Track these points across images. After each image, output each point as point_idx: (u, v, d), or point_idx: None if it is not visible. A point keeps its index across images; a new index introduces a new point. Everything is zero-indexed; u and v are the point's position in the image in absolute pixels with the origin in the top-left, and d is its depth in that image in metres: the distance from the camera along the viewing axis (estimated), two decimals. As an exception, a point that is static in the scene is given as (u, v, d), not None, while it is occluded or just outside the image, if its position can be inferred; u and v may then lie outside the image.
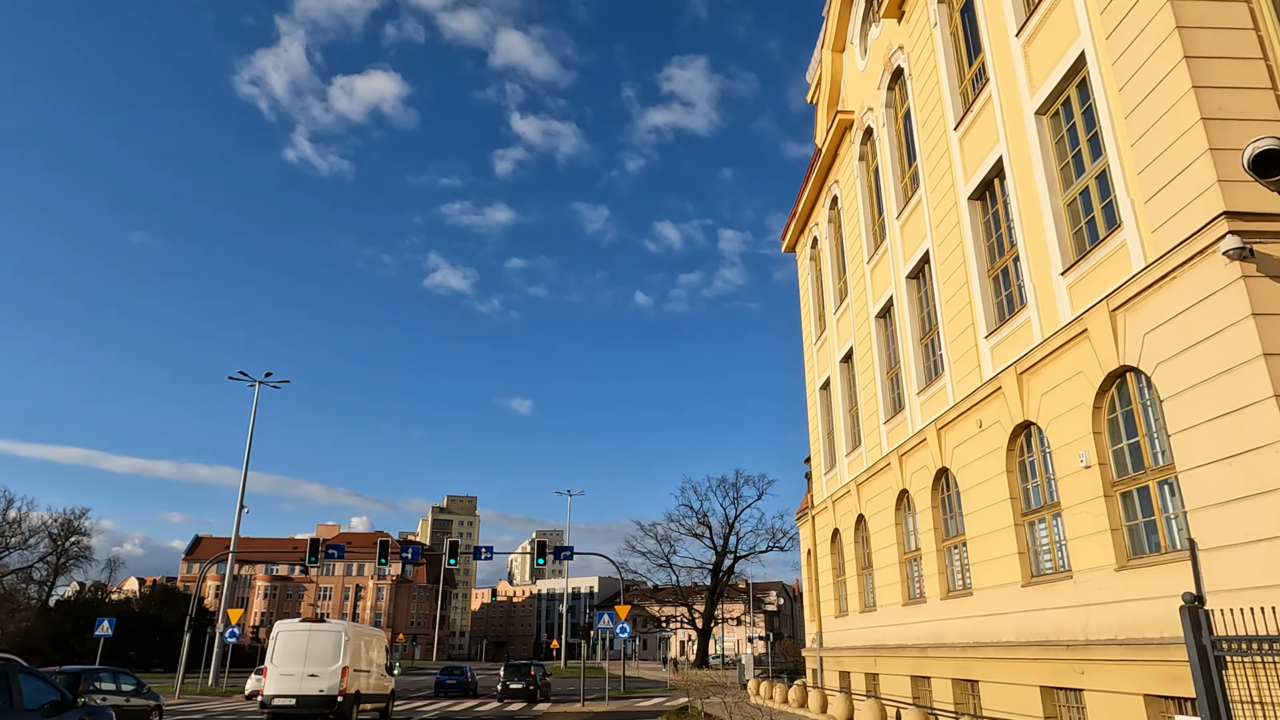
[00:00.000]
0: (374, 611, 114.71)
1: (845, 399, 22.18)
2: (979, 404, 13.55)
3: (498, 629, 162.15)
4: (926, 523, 15.86)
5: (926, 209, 16.12)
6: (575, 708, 29.96)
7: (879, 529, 18.66)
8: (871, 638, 18.93)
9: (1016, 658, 12.15)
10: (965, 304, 14.27)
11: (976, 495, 13.64)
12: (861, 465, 20.09)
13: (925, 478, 15.93)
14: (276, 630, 19.80)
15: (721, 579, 76.69)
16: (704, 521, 77.04)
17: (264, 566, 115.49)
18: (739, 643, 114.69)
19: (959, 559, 14.84)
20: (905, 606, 17.00)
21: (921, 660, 15.82)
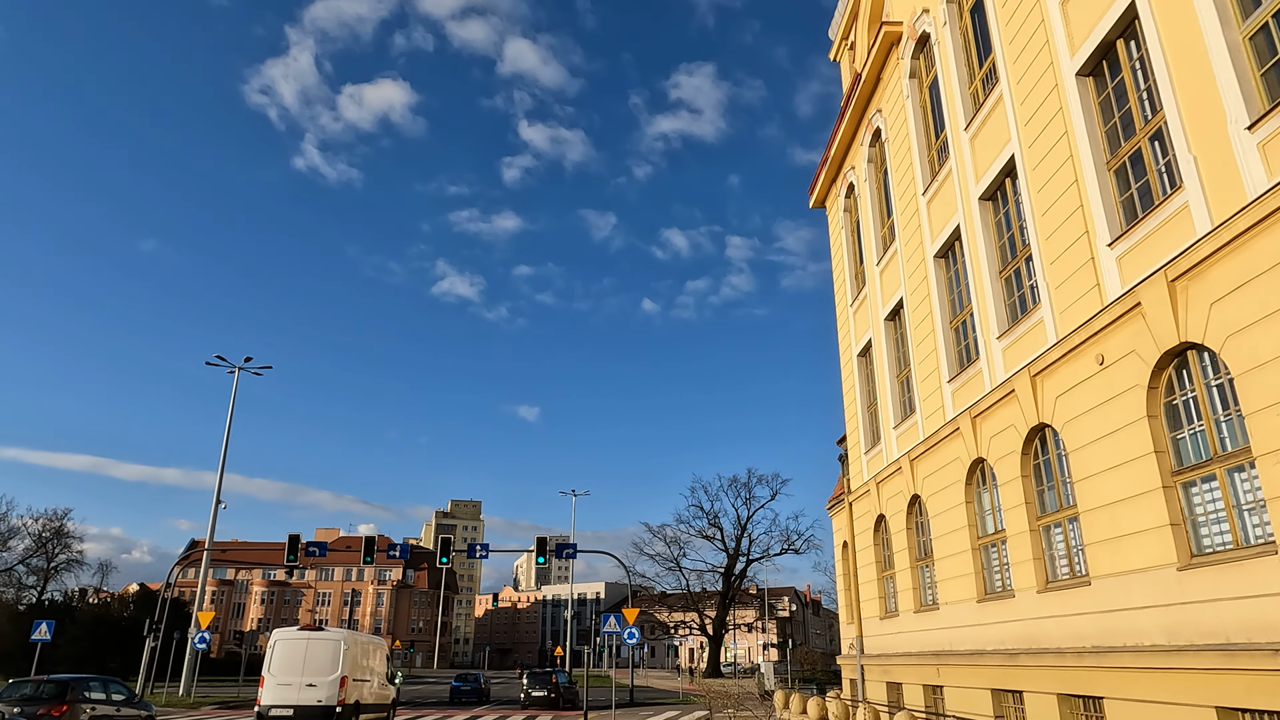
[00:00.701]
0: (374, 618, 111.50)
1: (892, 362, 18.94)
2: (1098, 334, 10.33)
3: (502, 636, 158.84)
4: (1014, 496, 12.61)
5: (1010, 105, 12.92)
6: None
7: (942, 510, 15.41)
8: (932, 642, 15.66)
9: (1170, 667, 8.90)
10: (1075, 208, 11.06)
11: (1095, 454, 10.40)
12: (916, 436, 16.86)
13: (1012, 440, 12.68)
14: (274, 638, 19.39)
15: (734, 583, 73.34)
16: (715, 523, 73.82)
17: (261, 571, 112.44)
18: (750, 650, 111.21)
19: (1065, 540, 11.59)
20: (981, 603, 13.73)
21: (1009, 670, 12.56)
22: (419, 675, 79.38)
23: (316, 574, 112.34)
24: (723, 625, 73.79)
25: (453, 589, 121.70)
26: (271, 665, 18.84)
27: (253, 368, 40.44)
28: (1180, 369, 9.30)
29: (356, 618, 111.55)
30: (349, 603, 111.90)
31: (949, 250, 15.90)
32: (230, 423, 39.33)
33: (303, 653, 18.86)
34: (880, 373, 19.41)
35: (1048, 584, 11.80)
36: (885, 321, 19.20)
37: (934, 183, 16.25)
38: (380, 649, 23.01)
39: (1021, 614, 12.32)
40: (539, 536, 33.91)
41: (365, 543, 34.00)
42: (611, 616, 26.46)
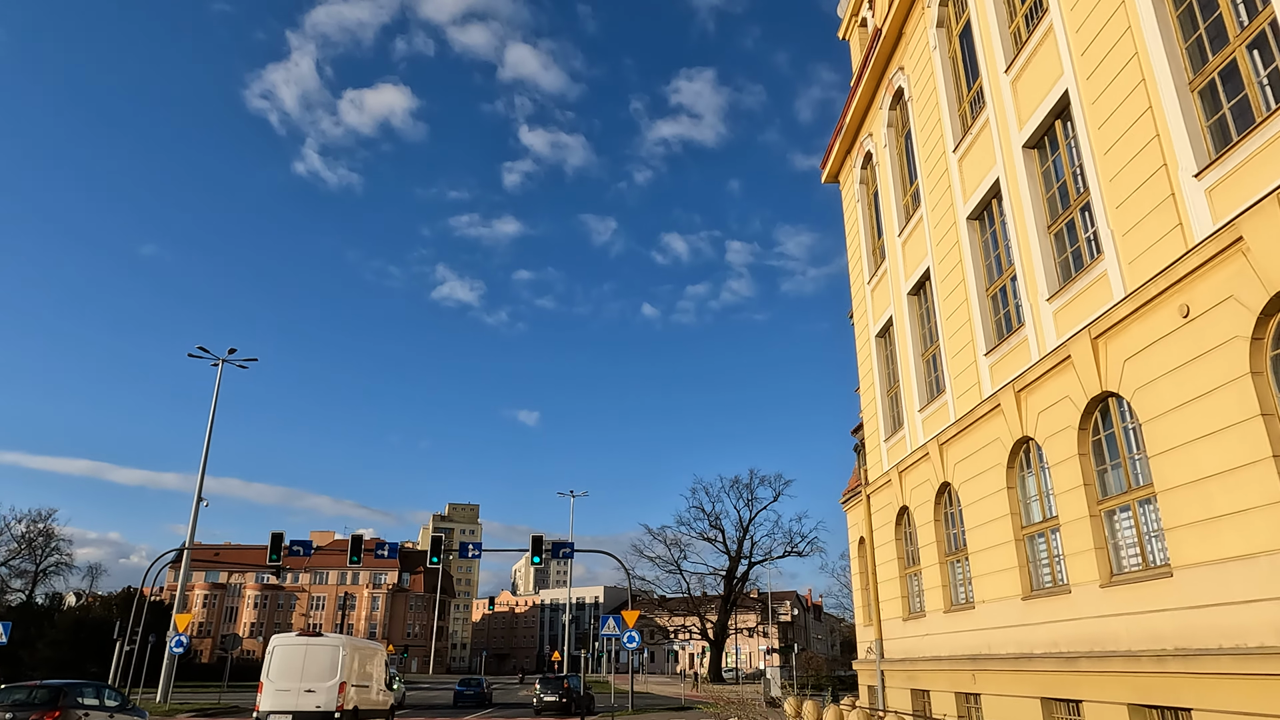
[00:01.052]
0: (368, 622, 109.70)
1: (916, 339, 17.40)
2: (1182, 281, 8.78)
3: (499, 641, 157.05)
4: (1069, 478, 11.06)
5: (1062, 34, 11.40)
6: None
7: (978, 499, 13.86)
8: (966, 645, 14.09)
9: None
10: (1150, 139, 9.53)
11: (1179, 422, 8.86)
12: (946, 418, 15.31)
13: (1066, 414, 11.14)
14: (273, 644, 19.30)
15: (735, 586, 71.70)
16: (716, 525, 72.23)
17: (255, 575, 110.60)
18: (751, 655, 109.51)
19: (1135, 525, 10.03)
20: (1028, 601, 12.17)
21: (1064, 676, 10.99)
22: (414, 680, 77.61)
23: (310, 577, 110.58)
24: (724, 630, 72.13)
25: (449, 593, 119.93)
26: (270, 671, 18.71)
27: (237, 360, 38.88)
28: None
29: (351, 621, 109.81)
30: (343, 606, 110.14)
31: (985, 210, 14.37)
32: (213, 417, 37.77)
33: (301, 658, 18.81)
34: (903, 352, 17.86)
35: (1113, 577, 10.25)
36: (908, 296, 17.66)
37: (967, 137, 14.72)
38: (379, 654, 22.84)
39: (1079, 612, 10.76)
40: (534, 535, 32.34)
41: (352, 541, 32.42)
42: (610, 619, 24.90)
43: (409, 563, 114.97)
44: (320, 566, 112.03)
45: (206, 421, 37.90)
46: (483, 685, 40.76)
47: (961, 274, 14.77)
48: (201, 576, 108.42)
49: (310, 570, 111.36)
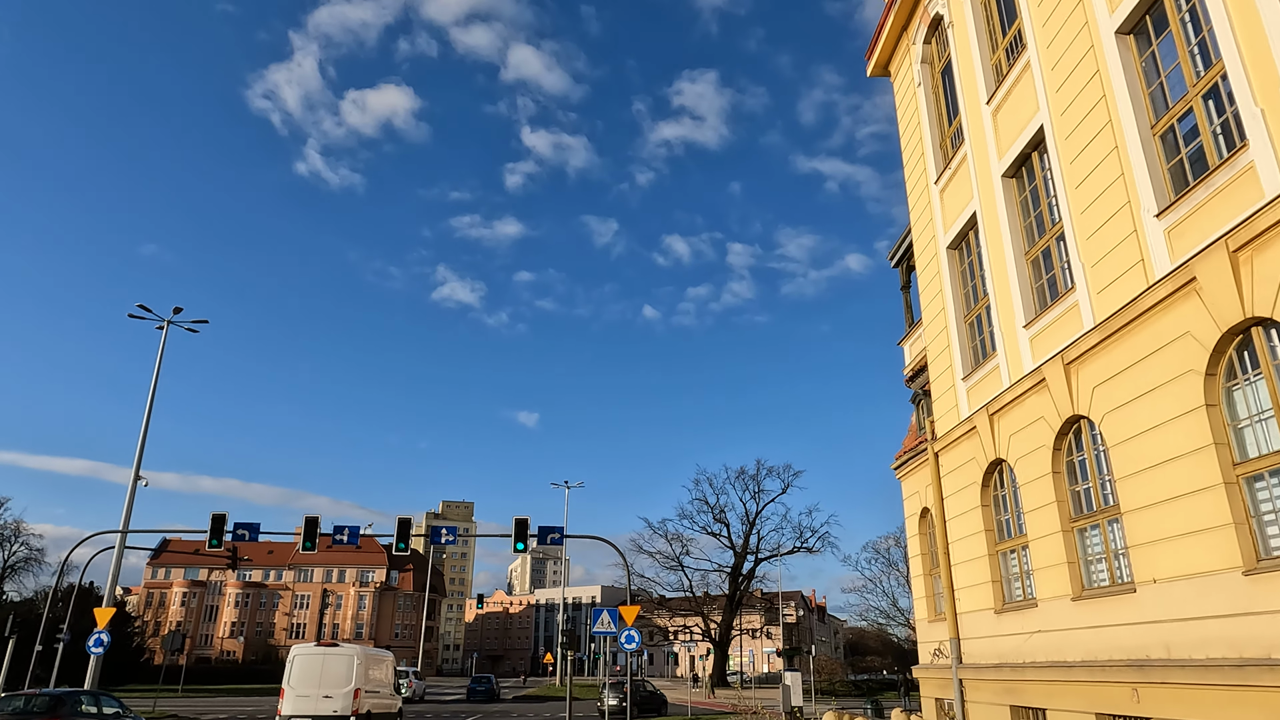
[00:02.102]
0: (354, 622, 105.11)
1: (1018, 236, 12.95)
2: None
3: (492, 642, 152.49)
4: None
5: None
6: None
7: (1139, 431, 9.41)
8: (1121, 646, 9.65)
9: None
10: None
11: None
12: (1073, 327, 10.88)
13: None
14: (293, 654, 21.09)
15: (741, 584, 67.26)
16: (721, 519, 67.83)
17: (236, 572, 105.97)
18: (755, 657, 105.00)
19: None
20: (1251, 578, 7.72)
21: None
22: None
23: (294, 575, 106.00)
24: (729, 631, 67.68)
25: (440, 592, 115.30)
26: (291, 678, 20.27)
27: (185, 321, 34.37)
28: None
29: (336, 621, 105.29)
30: (328, 605, 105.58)
31: (1140, 24, 9.92)
32: (156, 383, 33.26)
33: (319, 667, 20.40)
34: (996, 257, 13.39)
35: None
36: (1004, 180, 13.19)
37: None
38: (388, 662, 24.91)
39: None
40: (517, 518, 27.91)
41: (305, 525, 27.96)
42: (605, 612, 20.50)
43: (398, 561, 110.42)
44: (304, 564, 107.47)
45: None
46: (492, 682, 48.77)
47: (1104, 118, 10.32)
48: (181, 574, 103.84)
49: (294, 567, 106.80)
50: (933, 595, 16.26)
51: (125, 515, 31.42)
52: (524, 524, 28.06)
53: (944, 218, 15.68)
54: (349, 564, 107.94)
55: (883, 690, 64.20)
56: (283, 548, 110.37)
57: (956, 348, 14.93)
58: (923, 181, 16.71)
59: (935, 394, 15.86)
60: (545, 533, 28.32)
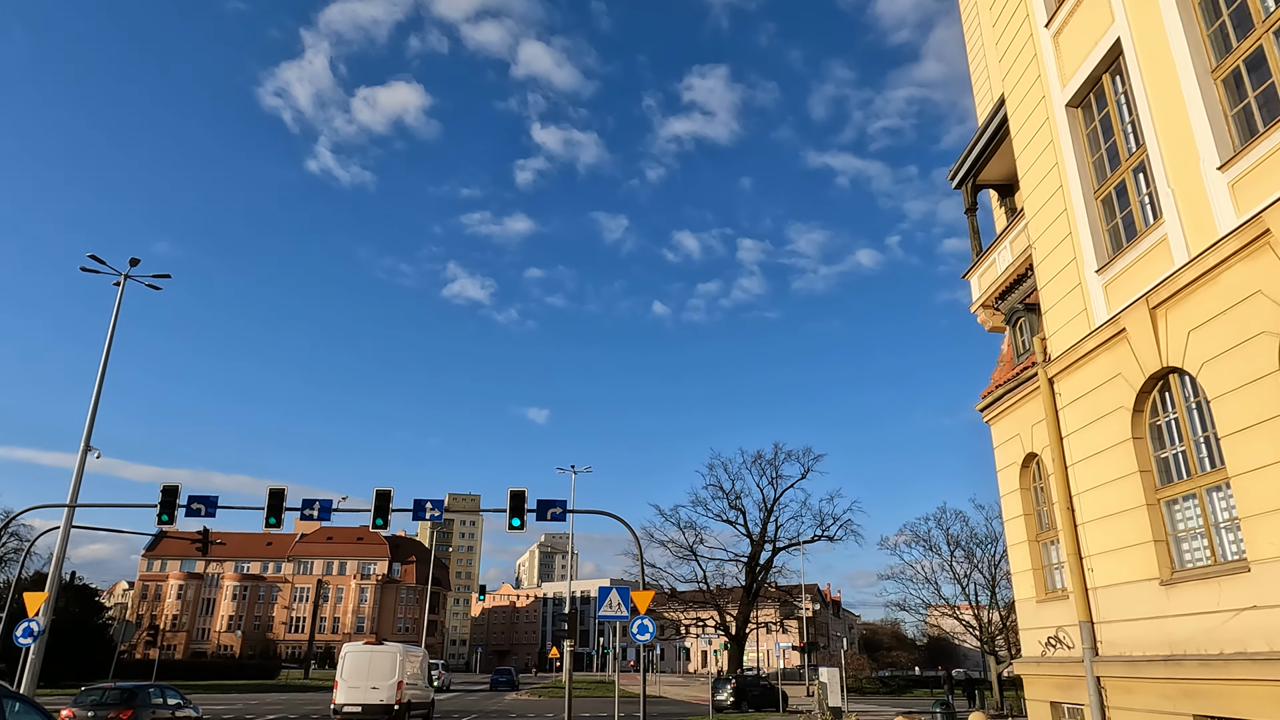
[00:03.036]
0: (355, 615, 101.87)
1: (1199, 49, 9.10)
2: None
3: (499, 636, 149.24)
4: None
5: None
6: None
7: None
8: None
9: None
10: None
11: None
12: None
13: None
14: (345, 651, 24.55)
15: (758, 575, 63.45)
16: (736, 505, 63.92)
17: (234, 564, 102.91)
18: (769, 653, 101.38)
19: None
20: None
21: None
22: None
23: (294, 567, 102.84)
24: (745, 624, 63.89)
25: (444, 585, 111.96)
26: (344, 672, 23.58)
27: (144, 277, 30.77)
28: None
29: (337, 615, 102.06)
30: (328, 598, 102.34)
31: None
32: (110, 341, 29.69)
33: (367, 662, 23.58)
34: (1162, 86, 9.56)
35: None
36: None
37: None
38: (423, 658, 28.28)
39: None
40: (513, 490, 24.28)
41: (270, 498, 24.36)
42: (613, 592, 16.83)
43: (401, 553, 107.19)
44: (304, 555, 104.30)
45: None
46: (513, 674, 61.08)
47: None
48: (177, 566, 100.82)
49: (294, 559, 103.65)
50: (1042, 567, 12.48)
51: (73, 488, 27.84)
52: (520, 497, 24.42)
53: (1061, 68, 11.84)
54: (350, 556, 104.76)
55: (910, 688, 60.42)
56: (282, 539, 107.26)
57: (1085, 233, 11.10)
58: (1024, 32, 12.85)
59: (1048, 302, 12.05)
60: (545, 507, 24.64)
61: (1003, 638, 31.87)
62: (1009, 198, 18.38)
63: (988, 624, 32.37)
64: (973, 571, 32.21)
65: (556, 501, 24.65)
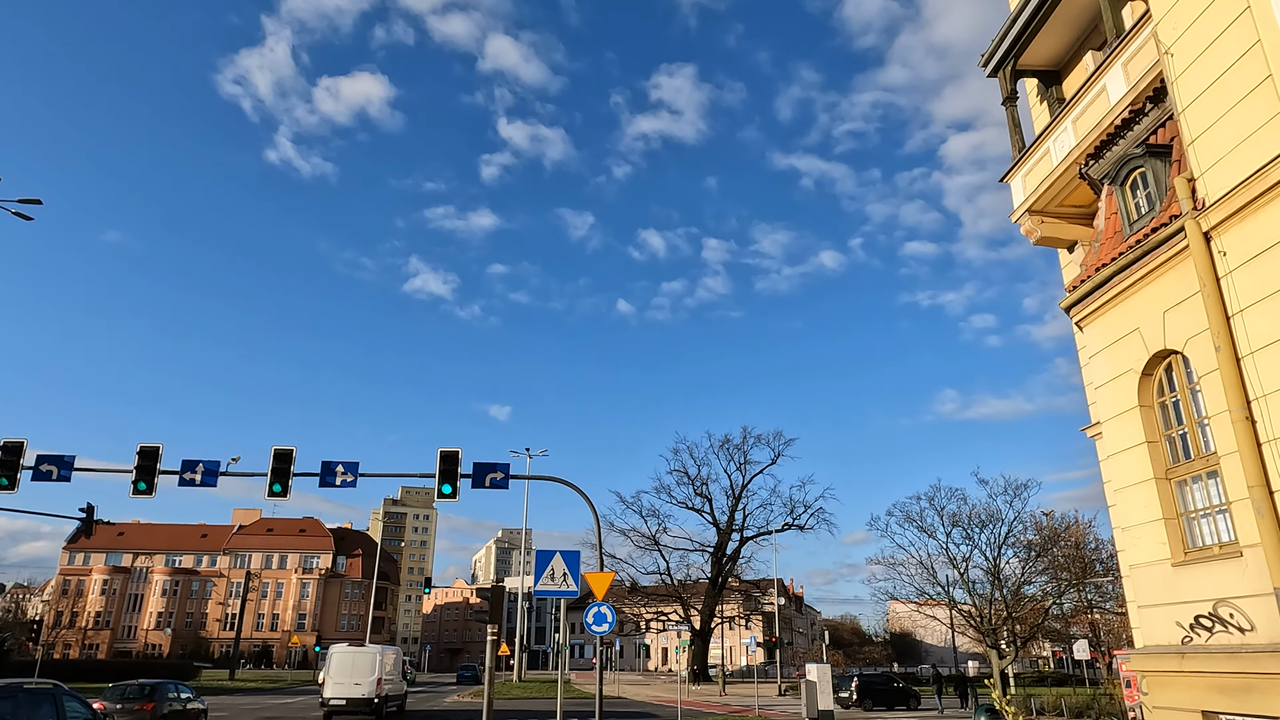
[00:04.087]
0: (296, 611, 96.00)
1: None
2: None
3: (451, 634, 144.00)
4: None
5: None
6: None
7: None
8: None
9: None
10: None
11: None
12: None
13: None
14: (331, 652, 27.96)
15: (725, 566, 59.78)
16: (703, 492, 60.24)
17: (165, 557, 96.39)
18: (733, 650, 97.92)
19: None
20: None
21: None
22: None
23: (229, 560, 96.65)
24: (711, 618, 60.18)
25: (392, 580, 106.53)
26: (330, 670, 27.16)
27: (9, 203, 25.73)
28: None
29: (276, 611, 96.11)
30: (267, 594, 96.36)
31: None
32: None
33: (351, 661, 27.28)
34: None
35: None
36: None
37: None
38: (398, 656, 31.31)
39: None
40: (443, 450, 20.08)
41: (139, 456, 19.74)
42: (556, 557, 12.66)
43: (346, 545, 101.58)
44: (241, 548, 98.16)
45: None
46: (476, 669, 60.65)
47: None
48: (102, 559, 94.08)
49: (230, 552, 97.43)
50: (1178, 516, 8.68)
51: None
52: (453, 459, 20.18)
53: None
54: (291, 549, 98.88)
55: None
56: (218, 531, 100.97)
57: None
58: None
59: (1202, 122, 8.18)
60: (483, 472, 20.42)
61: (1007, 629, 28.55)
62: (1055, 86, 14.87)
63: (989, 614, 28.99)
64: (972, 553, 28.91)
65: (497, 465, 20.45)
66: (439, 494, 19.92)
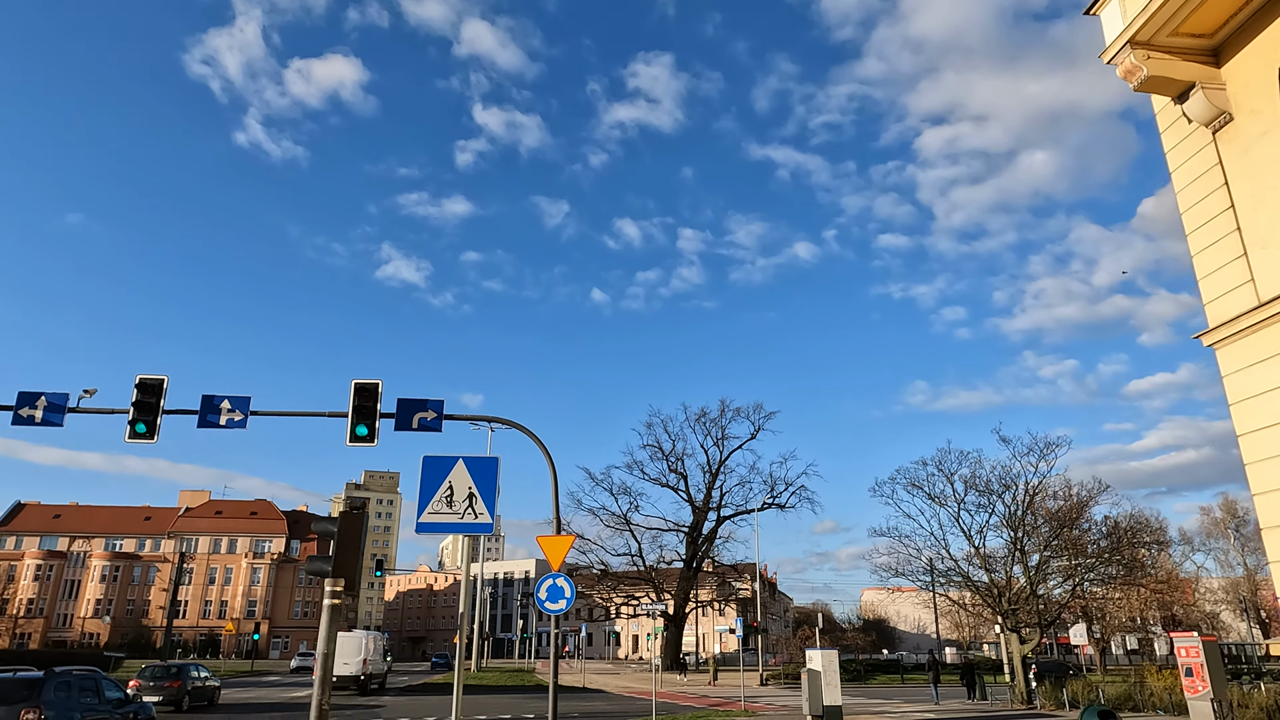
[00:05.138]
0: (246, 599, 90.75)
1: None
2: None
3: (414, 622, 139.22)
4: None
5: None
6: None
7: None
8: None
9: None
10: None
11: None
12: None
13: None
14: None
15: (701, 547, 56.00)
16: (677, 469, 56.35)
17: (104, 541, 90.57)
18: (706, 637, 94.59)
19: None
20: None
21: None
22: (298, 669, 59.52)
23: (175, 545, 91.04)
24: (685, 603, 56.42)
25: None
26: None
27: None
28: None
29: (225, 598, 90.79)
30: (215, 580, 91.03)
31: None
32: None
33: (340, 644, 31.19)
34: None
35: None
36: None
37: None
38: (380, 640, 37.80)
39: None
40: (358, 382, 15.86)
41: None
42: (459, 467, 8.06)
43: (300, 529, 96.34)
44: (188, 532, 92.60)
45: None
46: (449, 657, 64.47)
47: None
48: (35, 543, 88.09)
49: (175, 536, 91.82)
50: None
51: None
52: (370, 393, 15.94)
53: None
54: (241, 532, 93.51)
55: (873, 673, 54.08)
56: (162, 514, 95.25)
57: None
58: None
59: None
60: (410, 410, 16.16)
61: (1030, 608, 24.94)
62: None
63: (1008, 593, 25.30)
64: (989, 521, 25.24)
65: (427, 402, 16.19)
66: (352, 435, 15.64)
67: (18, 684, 11.70)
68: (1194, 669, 19.01)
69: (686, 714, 23.60)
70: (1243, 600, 73.34)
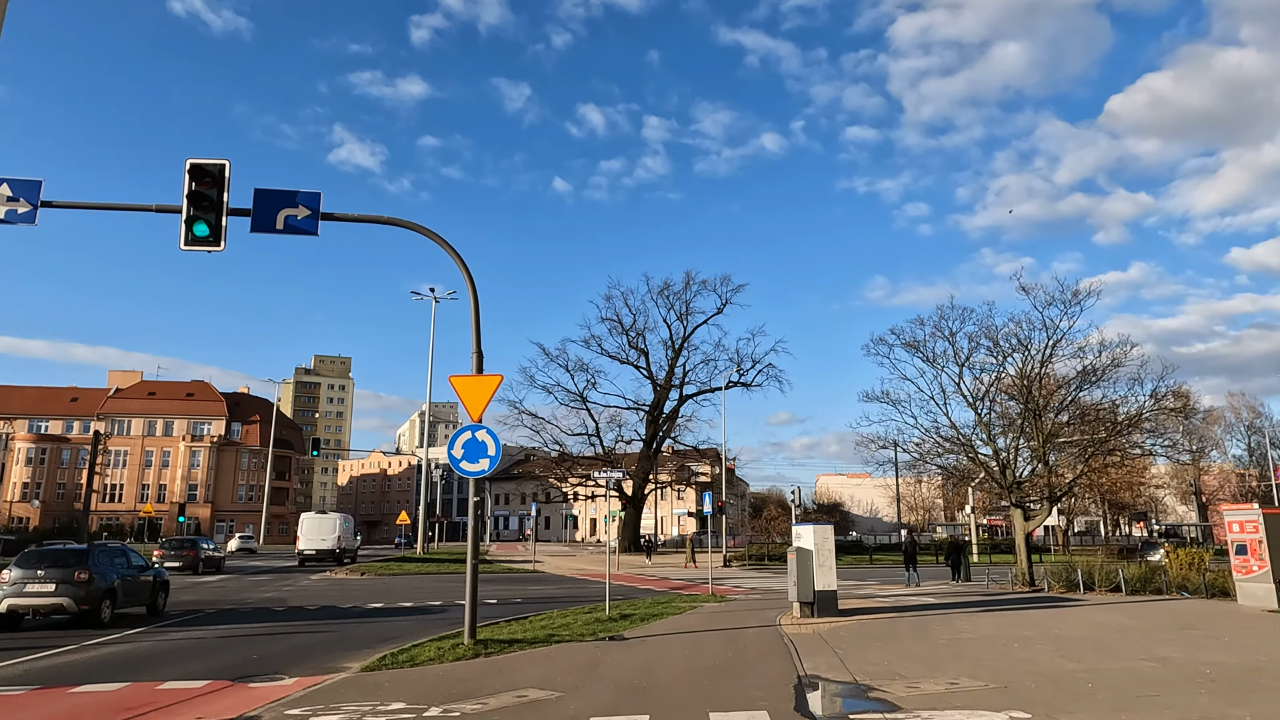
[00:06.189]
0: (186, 482, 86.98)
1: None
2: None
3: (368, 507, 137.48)
4: None
5: None
6: None
7: None
8: None
9: None
10: None
11: None
12: None
13: None
14: (304, 518, 43.43)
15: (662, 427, 53.06)
16: (638, 345, 52.66)
17: (27, 423, 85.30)
18: (664, 520, 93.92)
19: None
20: None
21: None
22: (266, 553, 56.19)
23: (106, 427, 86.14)
24: (644, 484, 53.91)
25: (295, 448, 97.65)
26: (302, 530, 41.91)
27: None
28: None
29: (163, 482, 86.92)
30: (152, 463, 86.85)
31: None
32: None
33: (318, 524, 41.85)
34: None
35: None
36: None
37: None
38: (352, 521, 46.95)
39: None
40: (193, 162, 11.22)
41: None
42: None
43: (241, 411, 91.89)
44: (119, 414, 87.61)
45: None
46: (413, 540, 63.46)
47: None
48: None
49: (105, 418, 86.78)
50: None
51: None
52: (213, 178, 11.41)
53: None
54: (178, 414, 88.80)
55: (839, 555, 52.59)
56: (90, 395, 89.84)
57: None
58: None
59: None
60: (274, 204, 11.67)
61: (1039, 480, 22.21)
62: None
63: (1012, 463, 22.43)
64: (995, 383, 22.12)
65: (299, 195, 11.69)
66: (188, 236, 11.15)
67: (70, 553, 15.40)
68: (1249, 546, 16.15)
69: (646, 600, 20.52)
70: (1192, 484, 75.16)
